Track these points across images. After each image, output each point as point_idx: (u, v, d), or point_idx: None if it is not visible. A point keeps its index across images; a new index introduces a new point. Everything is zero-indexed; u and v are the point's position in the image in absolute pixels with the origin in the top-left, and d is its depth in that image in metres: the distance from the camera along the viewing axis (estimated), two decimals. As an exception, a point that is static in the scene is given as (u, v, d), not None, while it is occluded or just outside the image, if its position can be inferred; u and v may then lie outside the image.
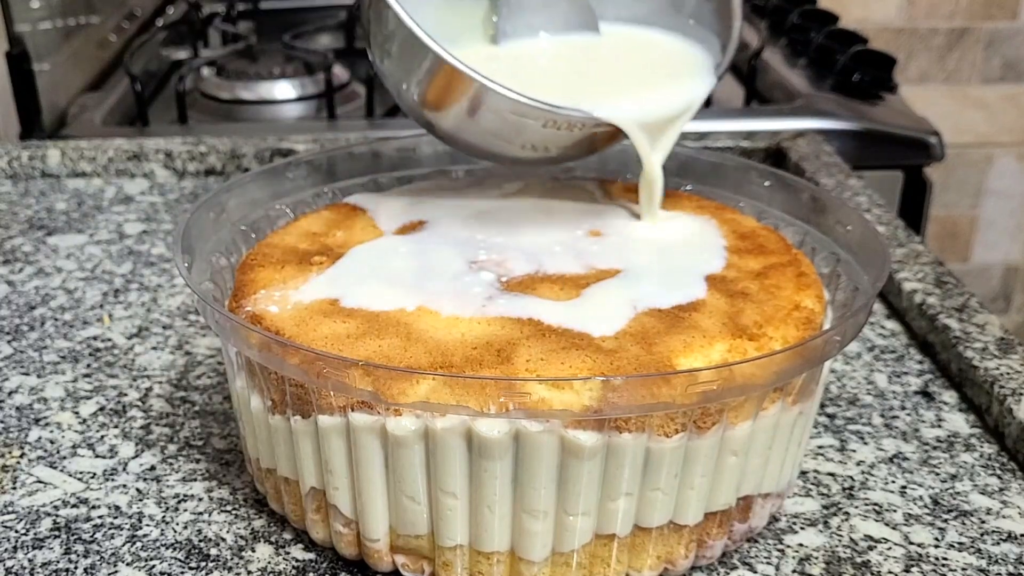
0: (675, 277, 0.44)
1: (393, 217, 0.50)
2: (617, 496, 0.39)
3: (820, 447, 0.50)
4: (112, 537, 0.45)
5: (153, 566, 0.43)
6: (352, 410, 0.38)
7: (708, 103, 1.01)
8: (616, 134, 0.48)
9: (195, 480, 0.48)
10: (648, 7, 0.53)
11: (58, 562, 0.43)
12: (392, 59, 0.47)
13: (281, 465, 0.43)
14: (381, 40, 0.47)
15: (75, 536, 0.45)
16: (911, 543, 0.44)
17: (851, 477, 0.48)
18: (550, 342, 0.39)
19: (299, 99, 1.05)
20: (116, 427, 0.52)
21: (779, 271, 0.45)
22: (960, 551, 0.44)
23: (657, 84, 0.50)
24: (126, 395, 0.54)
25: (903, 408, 0.53)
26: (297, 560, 0.43)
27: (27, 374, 0.56)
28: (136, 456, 0.50)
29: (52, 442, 0.51)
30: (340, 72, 1.07)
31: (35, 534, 0.45)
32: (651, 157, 0.48)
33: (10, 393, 0.54)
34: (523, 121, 0.45)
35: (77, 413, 0.53)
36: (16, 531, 0.45)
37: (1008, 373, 0.52)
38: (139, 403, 0.53)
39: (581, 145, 0.48)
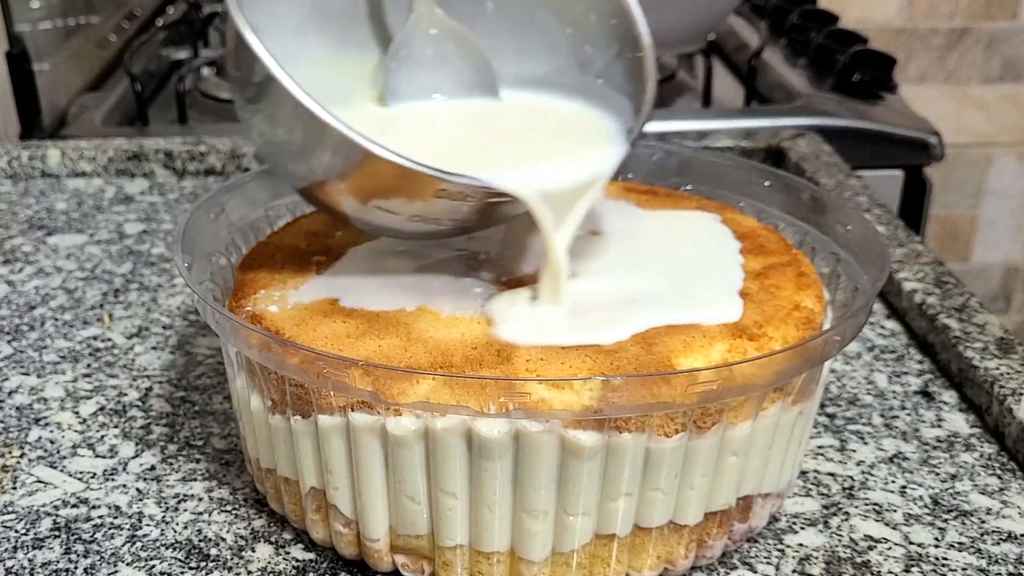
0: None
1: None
2: (617, 496, 0.39)
3: (820, 447, 0.50)
4: (112, 537, 0.45)
5: (153, 566, 0.43)
6: (352, 410, 0.38)
7: (707, 102, 1.02)
8: (515, 209, 0.42)
9: (195, 480, 0.48)
10: (552, 66, 0.48)
11: (58, 562, 0.43)
12: (260, 115, 0.41)
13: (281, 465, 0.43)
14: (248, 91, 0.41)
15: (75, 536, 0.45)
16: (911, 543, 0.44)
17: (851, 477, 0.48)
18: (550, 341, 0.39)
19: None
20: (116, 427, 0.52)
21: (779, 271, 0.45)
22: (960, 551, 0.44)
23: (561, 153, 0.45)
24: (126, 395, 0.54)
25: (903, 408, 0.53)
26: (297, 560, 0.43)
27: (27, 374, 0.56)
28: (136, 456, 0.50)
29: (52, 442, 0.51)
30: (340, 72, 1.07)
31: (35, 534, 0.45)
32: (554, 237, 0.42)
33: (10, 393, 0.54)
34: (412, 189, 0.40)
35: (77, 413, 0.53)
36: (16, 531, 0.45)
37: (1008, 373, 0.52)
38: (139, 403, 0.53)
39: (475, 219, 0.43)
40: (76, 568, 0.43)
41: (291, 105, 0.38)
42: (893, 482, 0.48)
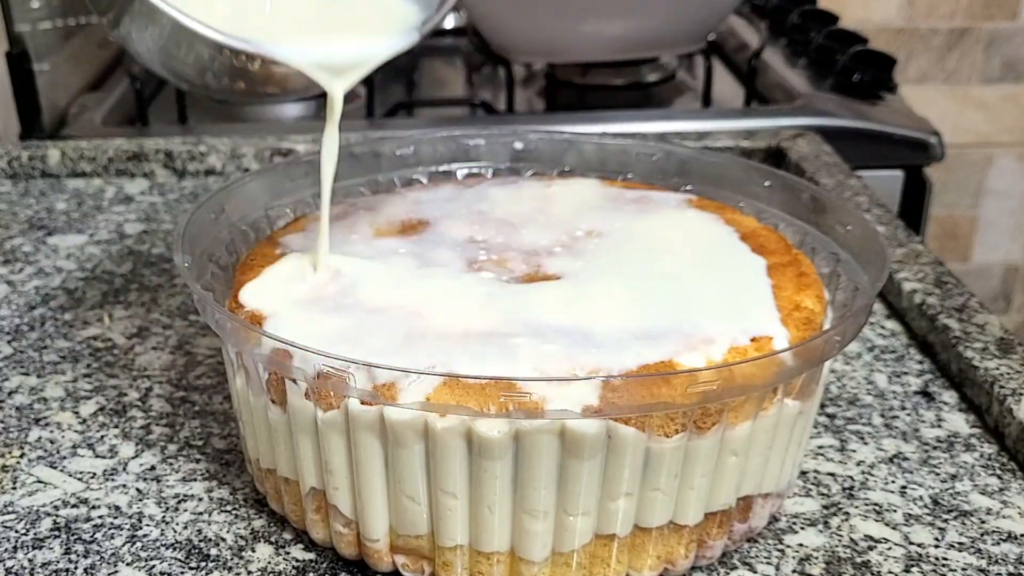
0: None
1: (393, 217, 0.50)
2: (617, 496, 0.39)
3: (820, 447, 0.50)
4: (112, 537, 0.45)
5: (153, 566, 0.43)
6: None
7: (708, 103, 1.02)
8: (305, 84, 0.45)
9: (195, 480, 0.48)
10: None
11: (58, 562, 0.43)
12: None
13: (281, 465, 0.43)
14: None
15: (75, 536, 0.45)
16: (911, 543, 0.44)
17: (851, 477, 0.48)
18: (550, 342, 0.39)
19: (299, 99, 1.05)
20: (116, 427, 0.52)
21: (779, 271, 0.45)
22: (960, 551, 0.44)
23: (343, 30, 0.47)
24: (126, 395, 0.54)
25: (903, 408, 0.53)
26: (297, 560, 0.43)
27: (27, 374, 0.56)
28: (136, 456, 0.50)
29: (52, 442, 0.51)
30: (340, 72, 1.07)
31: (35, 534, 0.45)
32: (333, 84, 0.45)
33: (10, 393, 0.54)
34: (193, 44, 0.43)
35: (77, 413, 0.53)
36: (16, 531, 0.45)
37: (1008, 373, 0.52)
38: (139, 403, 0.53)
39: (260, 80, 0.45)
40: (76, 568, 0.43)
41: None
42: (893, 482, 0.48)
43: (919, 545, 0.44)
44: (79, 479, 0.48)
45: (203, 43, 0.42)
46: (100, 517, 0.46)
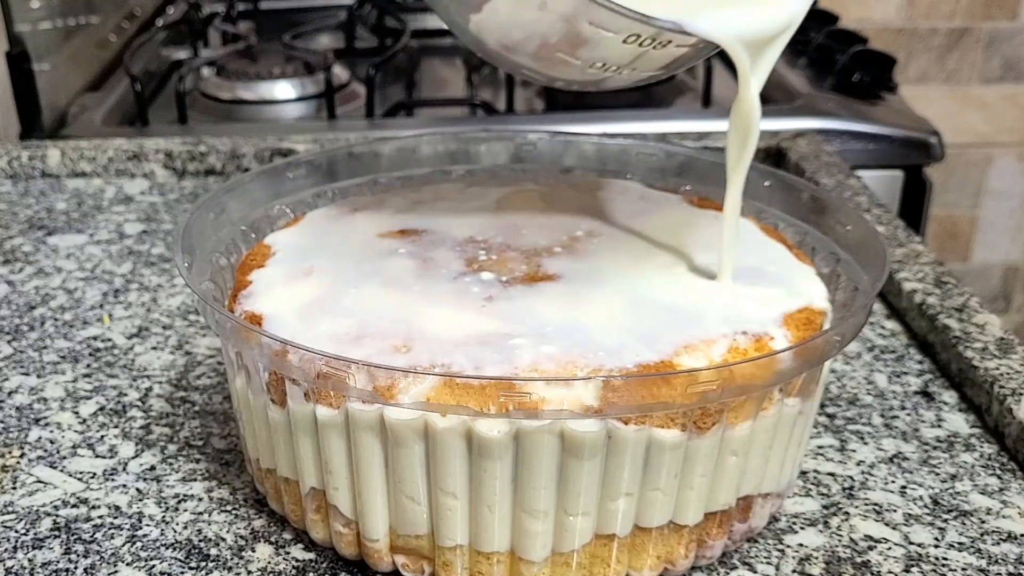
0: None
1: (393, 217, 0.50)
2: (617, 496, 0.39)
3: (820, 447, 0.50)
4: (112, 537, 0.45)
5: (153, 566, 0.43)
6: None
7: (708, 103, 1.02)
8: (693, 57, 0.41)
9: (195, 480, 0.48)
10: None
11: (58, 562, 0.43)
12: None
13: (281, 465, 0.43)
14: None
15: (75, 536, 0.45)
16: (911, 543, 0.44)
17: (851, 477, 0.48)
18: (550, 342, 0.39)
19: (299, 99, 1.05)
20: (116, 427, 0.52)
21: (779, 271, 0.45)
22: (960, 551, 0.44)
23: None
24: (126, 395, 0.54)
25: (903, 408, 0.53)
26: (297, 560, 0.43)
27: (27, 374, 0.56)
28: (136, 456, 0.50)
29: (52, 442, 0.51)
30: (340, 72, 1.07)
31: (35, 534, 0.45)
32: (751, 81, 0.41)
33: (10, 393, 0.54)
34: (600, 33, 0.37)
35: (77, 413, 0.53)
36: (16, 531, 0.45)
37: (1008, 373, 0.52)
38: (139, 403, 0.53)
39: (654, 65, 0.41)
40: (76, 568, 0.43)
41: None
42: (893, 482, 0.48)
43: (919, 545, 0.44)
44: (79, 479, 0.48)
45: (616, 26, 0.36)
46: (100, 517, 0.46)
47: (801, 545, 0.44)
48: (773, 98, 1.03)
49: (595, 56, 0.39)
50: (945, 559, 0.43)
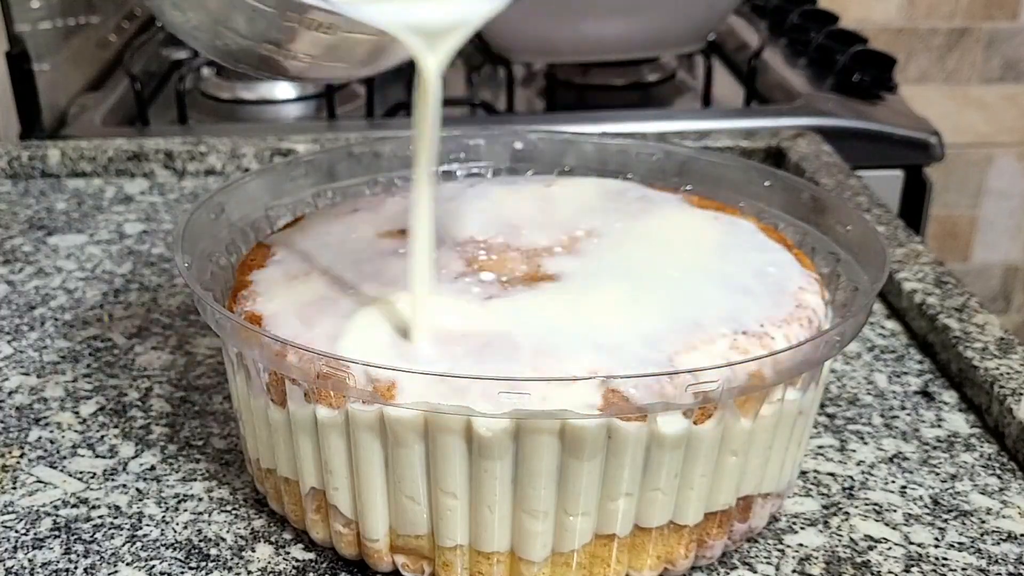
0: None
1: (393, 217, 0.50)
2: (617, 496, 0.39)
3: (820, 447, 0.50)
4: (112, 537, 0.45)
5: (153, 566, 0.43)
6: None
7: (708, 103, 1.02)
8: (389, 51, 0.41)
9: (195, 480, 0.48)
10: None
11: (58, 562, 0.43)
12: None
13: (281, 465, 0.43)
14: None
15: (75, 536, 0.45)
16: (911, 543, 0.44)
17: (851, 477, 0.48)
18: (550, 341, 0.39)
19: (299, 99, 1.05)
20: (116, 427, 0.52)
21: (779, 271, 0.45)
22: (960, 551, 0.44)
23: None
24: (126, 395, 0.54)
25: (903, 408, 0.53)
26: (297, 560, 0.43)
27: (27, 374, 0.56)
28: (136, 456, 0.50)
29: (52, 442, 0.51)
30: (340, 72, 1.07)
31: (35, 534, 0.45)
32: (427, 57, 0.41)
33: (10, 393, 0.54)
34: (259, 7, 0.37)
35: (77, 413, 0.53)
36: (16, 531, 0.45)
37: (1008, 373, 0.52)
38: (139, 403, 0.53)
39: (344, 53, 0.41)
40: (76, 568, 0.43)
41: None
42: (893, 482, 0.48)
43: (919, 545, 0.44)
44: (79, 479, 0.48)
45: (267, 3, 0.36)
46: (100, 517, 0.46)
47: (801, 545, 0.44)
48: (773, 98, 1.04)
49: (264, 35, 0.38)
50: (945, 559, 0.43)
